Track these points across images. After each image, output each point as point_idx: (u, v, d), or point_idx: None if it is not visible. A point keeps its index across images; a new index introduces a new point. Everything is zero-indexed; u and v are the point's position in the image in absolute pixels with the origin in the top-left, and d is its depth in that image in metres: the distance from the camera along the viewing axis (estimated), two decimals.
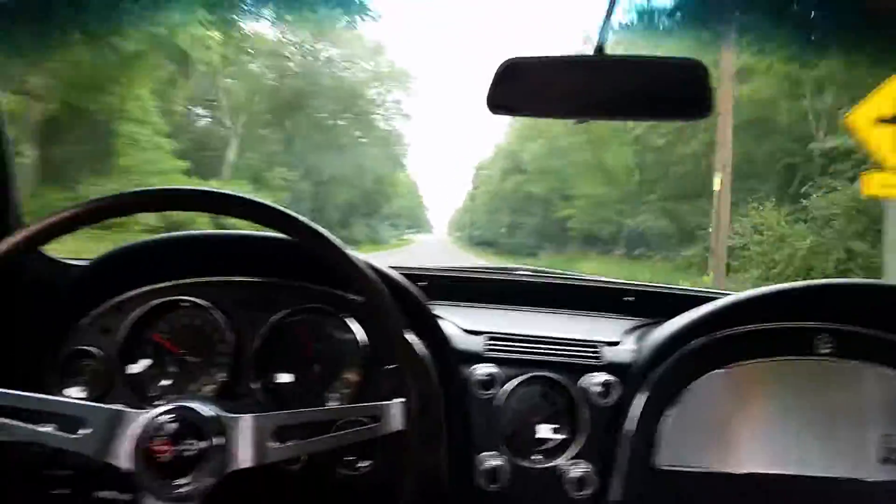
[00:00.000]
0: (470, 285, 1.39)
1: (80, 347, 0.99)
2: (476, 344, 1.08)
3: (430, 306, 1.14)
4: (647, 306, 1.30)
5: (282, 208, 0.73)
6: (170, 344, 1.01)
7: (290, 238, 0.74)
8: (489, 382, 1.02)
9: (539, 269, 1.57)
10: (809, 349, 0.98)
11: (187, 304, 1.00)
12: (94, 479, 0.94)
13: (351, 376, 1.00)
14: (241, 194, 0.73)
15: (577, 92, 0.83)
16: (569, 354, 1.06)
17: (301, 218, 0.74)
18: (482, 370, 1.03)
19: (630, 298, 1.32)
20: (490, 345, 1.07)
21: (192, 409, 0.71)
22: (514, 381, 1.02)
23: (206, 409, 0.71)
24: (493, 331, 1.10)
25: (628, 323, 1.21)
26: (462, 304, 1.30)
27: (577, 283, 1.44)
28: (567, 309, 1.32)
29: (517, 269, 1.51)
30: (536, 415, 1.03)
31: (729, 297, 1.03)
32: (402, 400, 0.73)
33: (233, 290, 1.01)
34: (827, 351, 0.98)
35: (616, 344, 1.10)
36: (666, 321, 1.08)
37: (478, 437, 1.01)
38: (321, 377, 1.00)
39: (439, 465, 0.95)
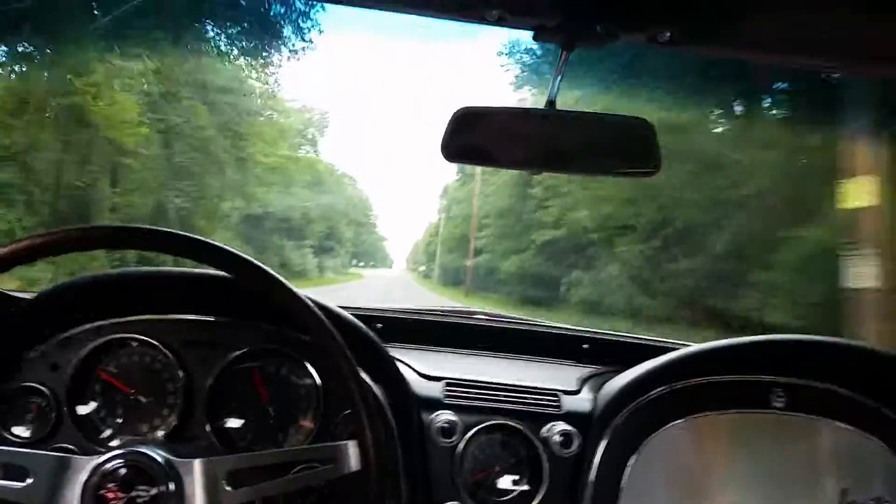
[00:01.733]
0: (425, 328, 1.39)
1: (26, 384, 0.96)
2: (435, 390, 1.07)
3: (389, 349, 1.14)
4: (603, 354, 1.31)
5: (221, 245, 0.73)
6: (119, 383, 0.99)
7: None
8: (450, 430, 1.02)
9: (495, 313, 1.58)
10: (765, 402, 1.00)
11: (137, 342, 0.98)
12: None
13: (306, 422, 0.99)
14: (178, 232, 0.72)
15: (530, 144, 0.86)
16: (529, 402, 1.06)
17: (241, 255, 0.73)
18: (442, 417, 1.02)
19: (586, 346, 1.33)
20: (449, 391, 1.07)
21: (142, 454, 0.69)
22: (475, 429, 1.02)
23: (157, 454, 0.70)
24: (452, 376, 1.10)
25: (585, 371, 1.21)
26: (418, 346, 1.31)
27: (534, 328, 1.45)
28: (524, 354, 1.33)
29: (474, 313, 1.52)
30: (498, 464, 1.03)
31: (686, 348, 1.05)
32: (357, 441, 0.73)
33: (184, 328, 1.00)
34: (780, 405, 1.00)
35: (575, 392, 1.10)
36: (623, 370, 1.10)
37: (438, 486, 1.00)
38: (275, 421, 0.99)
39: None
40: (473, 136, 0.85)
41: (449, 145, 0.86)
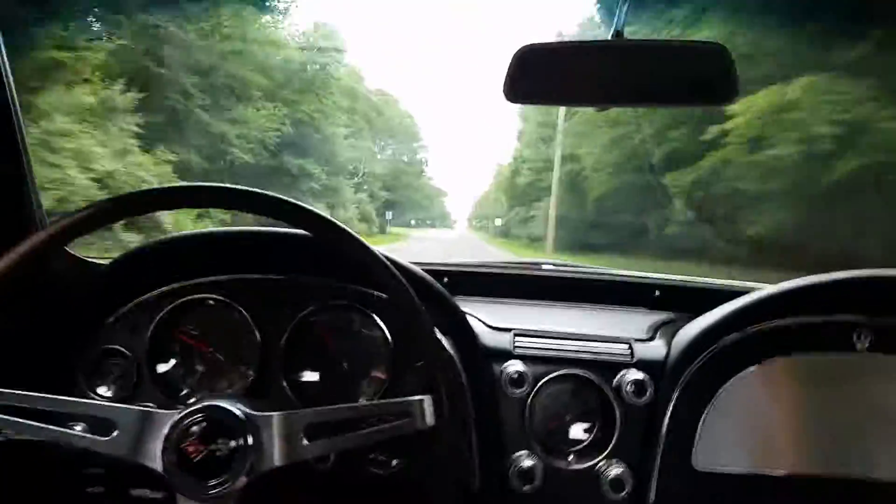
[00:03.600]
0: (492, 280, 1.39)
1: (108, 347, 1.00)
2: (504, 341, 1.07)
3: (458, 301, 1.16)
4: (675, 301, 1.29)
5: (298, 203, 0.73)
6: (196, 342, 1.02)
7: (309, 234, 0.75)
8: (519, 380, 1.01)
9: (563, 263, 1.56)
10: (848, 343, 0.96)
11: (212, 301, 1.01)
12: (128, 477, 0.96)
13: (379, 374, 1.01)
14: (257, 190, 0.73)
15: (597, 78, 0.83)
16: (600, 352, 1.05)
17: (319, 212, 0.74)
18: (512, 368, 1.02)
19: (658, 293, 1.31)
20: (519, 342, 1.06)
21: (221, 408, 0.71)
22: (545, 379, 1.01)
23: (236, 409, 0.72)
24: (521, 327, 1.09)
25: (657, 318, 1.19)
26: (485, 299, 1.30)
27: (602, 277, 1.43)
28: (594, 303, 1.32)
29: (541, 263, 1.50)
30: (569, 413, 1.02)
31: (760, 291, 1.01)
32: (432, 396, 0.73)
33: (257, 287, 1.02)
34: (865, 345, 0.95)
35: (648, 340, 1.09)
36: (696, 316, 1.07)
37: (509, 436, 1.01)
38: (348, 375, 1.01)
39: (471, 463, 0.96)
40: (537, 75, 0.83)
41: (513, 86, 0.84)
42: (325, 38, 16.72)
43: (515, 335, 1.08)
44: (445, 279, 1.32)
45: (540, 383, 1.01)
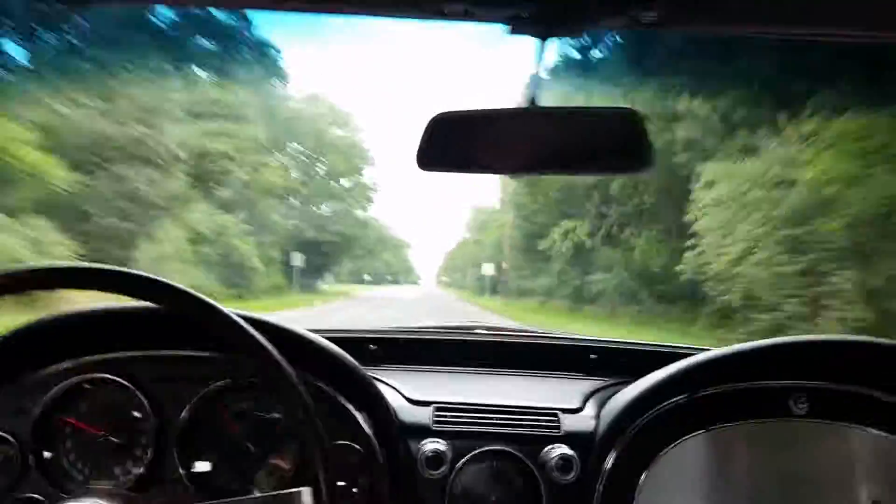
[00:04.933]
0: (423, 347, 1.36)
1: None
2: (423, 416, 1.03)
3: (380, 372, 1.14)
4: (613, 365, 1.26)
5: (139, 273, 0.71)
6: (87, 426, 0.95)
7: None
8: (437, 460, 0.97)
9: (499, 326, 1.54)
10: (785, 409, 0.94)
11: (104, 381, 0.96)
12: None
13: (282, 463, 0.95)
14: (95, 266, 0.70)
15: (510, 146, 0.81)
16: (525, 425, 1.01)
17: (163, 280, 0.70)
18: (430, 446, 0.97)
19: (594, 356, 1.29)
20: (438, 416, 1.02)
21: None
22: (466, 457, 0.97)
23: None
24: (442, 400, 1.05)
25: (592, 385, 1.16)
26: (414, 368, 1.28)
27: (537, 341, 1.41)
28: (527, 370, 1.29)
29: (475, 328, 1.49)
30: (493, 494, 0.98)
31: (694, 357, 0.99)
32: (309, 488, 0.69)
33: (153, 364, 0.97)
34: (802, 411, 0.94)
35: (576, 411, 1.05)
36: (632, 381, 1.04)
37: None
38: (251, 462, 0.95)
39: None
40: (449, 144, 0.81)
41: (424, 154, 0.82)
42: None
43: (435, 409, 1.04)
44: (372, 347, 1.28)
45: (461, 462, 0.97)
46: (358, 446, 0.93)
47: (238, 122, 18.34)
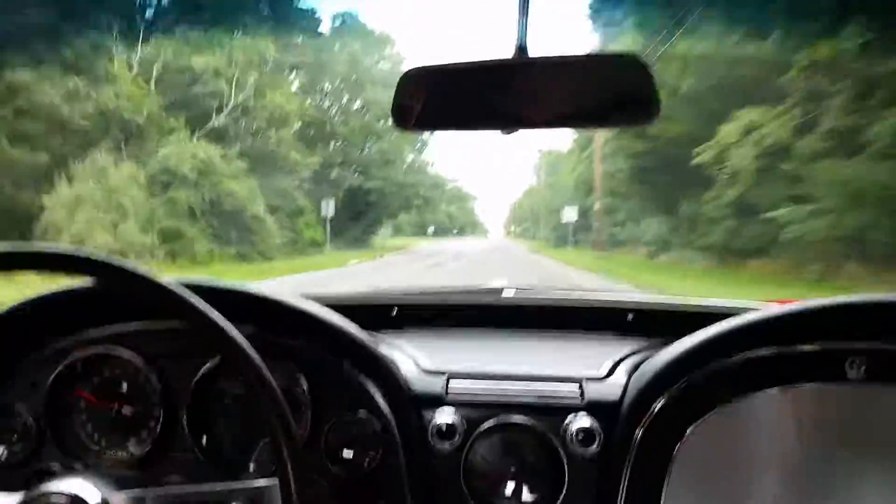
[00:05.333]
0: (449, 310, 1.42)
1: (4, 403, 1.04)
2: (436, 385, 1.08)
3: (399, 337, 1.23)
4: (652, 325, 1.29)
5: (59, 250, 0.74)
6: (99, 399, 1.06)
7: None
8: (448, 432, 1.01)
9: (528, 287, 1.60)
10: (840, 373, 0.94)
11: (115, 354, 1.05)
12: None
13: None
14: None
15: (497, 100, 0.84)
16: (545, 394, 1.05)
17: (88, 253, 0.74)
18: (441, 417, 1.02)
19: (631, 316, 1.33)
20: (453, 385, 1.07)
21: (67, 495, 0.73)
22: (482, 428, 1.01)
23: (90, 493, 0.73)
24: (457, 369, 1.11)
25: (626, 348, 1.19)
26: (435, 332, 1.35)
27: (569, 303, 1.46)
28: (558, 333, 1.34)
29: (501, 290, 1.54)
30: (508, 470, 1.02)
31: (740, 316, 1.00)
32: (276, 480, 0.72)
33: (160, 336, 1.05)
34: (858, 375, 0.93)
35: (605, 377, 1.09)
36: (672, 343, 1.06)
37: (443, 497, 1.01)
38: (254, 437, 1.03)
39: None
40: (429, 100, 0.84)
41: (401, 112, 0.86)
42: None
43: (449, 378, 1.08)
44: (394, 311, 1.36)
45: (475, 434, 1.01)
46: (366, 417, 1.00)
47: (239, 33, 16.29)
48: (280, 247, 18.02)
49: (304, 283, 11.94)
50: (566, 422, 1.00)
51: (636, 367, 1.08)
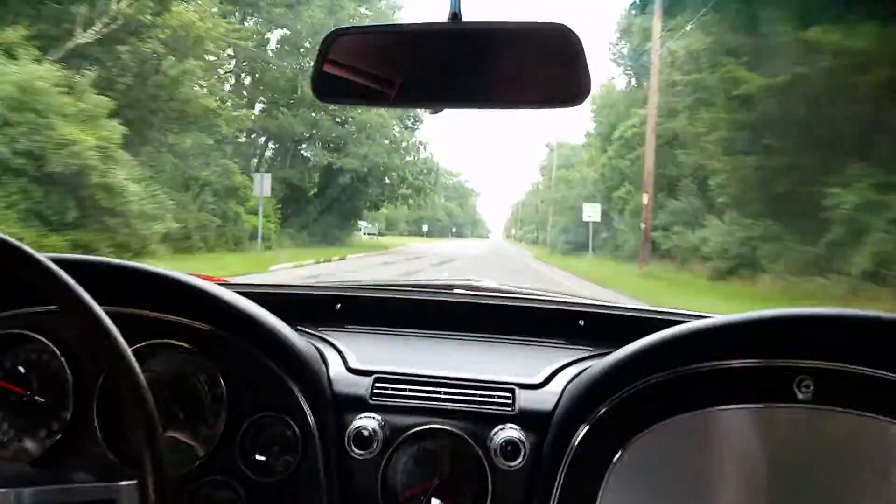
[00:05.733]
0: (394, 306, 1.50)
1: None
2: (361, 387, 1.13)
3: (336, 333, 1.30)
4: (603, 332, 1.37)
5: None
6: (11, 384, 1.10)
7: None
8: (367, 438, 1.05)
9: (484, 286, 1.69)
10: (787, 394, 1.00)
11: (26, 337, 1.10)
12: None
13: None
14: None
15: (427, 72, 0.90)
16: (475, 401, 1.10)
17: None
18: (359, 422, 1.07)
19: (582, 322, 1.40)
20: (378, 388, 1.12)
21: None
22: (404, 436, 1.06)
23: None
24: (386, 370, 1.16)
25: (571, 355, 1.25)
26: (377, 329, 1.42)
27: (524, 303, 1.53)
28: (505, 336, 1.41)
29: (455, 286, 1.63)
30: (429, 482, 1.07)
31: (684, 324, 1.04)
32: (134, 482, 0.73)
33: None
34: (806, 396, 0.99)
35: (541, 385, 1.14)
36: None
37: None
38: (176, 427, 1.08)
39: None
40: (352, 68, 0.89)
41: (320, 81, 0.90)
42: None
43: (376, 380, 1.13)
44: (338, 305, 1.44)
45: (396, 442, 1.06)
46: (284, 418, 1.05)
47: None
48: (180, 237, 14.54)
49: None
50: (493, 432, 1.05)
51: (576, 377, 1.13)
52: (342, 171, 23.83)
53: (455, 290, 1.59)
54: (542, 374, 1.16)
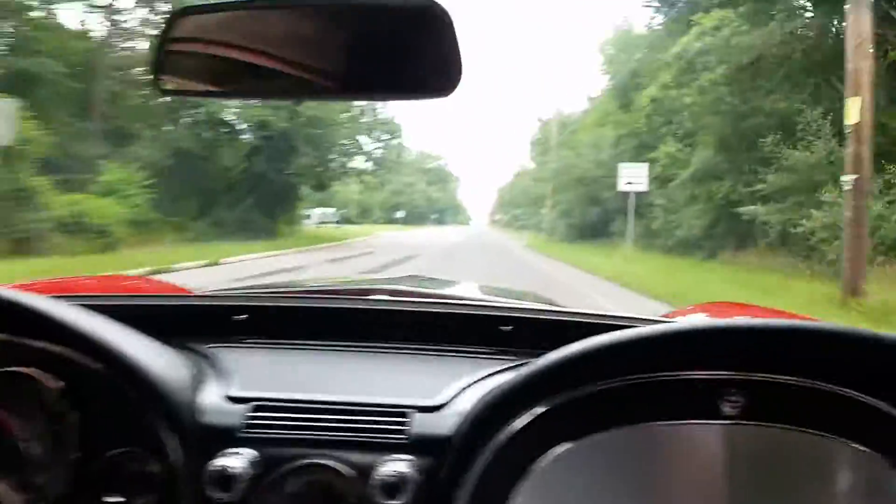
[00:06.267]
0: (303, 316, 1.56)
1: None
2: (234, 417, 1.14)
3: (226, 350, 1.34)
4: (531, 339, 1.42)
5: None
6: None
7: None
8: (229, 478, 1.07)
9: (405, 290, 1.77)
10: (712, 410, 1.04)
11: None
12: None
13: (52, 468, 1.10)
14: None
15: (277, 57, 0.95)
16: (364, 429, 1.12)
17: None
18: (224, 460, 1.08)
19: (509, 327, 1.46)
20: (254, 417, 1.14)
21: None
22: (275, 474, 1.06)
23: None
24: (268, 396, 1.17)
25: (489, 367, 1.30)
26: (277, 343, 1.46)
27: (447, 309, 1.60)
28: (423, 345, 1.46)
29: (373, 292, 1.70)
30: None
31: (600, 337, 1.07)
32: None
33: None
34: (733, 411, 1.04)
35: (440, 407, 1.17)
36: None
37: None
38: (31, 467, 1.10)
39: None
40: (196, 54, 0.95)
41: (162, 70, 0.95)
42: None
43: (253, 408, 1.15)
44: (242, 316, 1.48)
45: (270, 479, 1.08)
46: (143, 455, 1.09)
47: None
48: None
49: None
50: (380, 465, 1.08)
51: (487, 393, 1.14)
52: (264, 131, 22.47)
53: (372, 297, 1.65)
54: (445, 392, 1.19)
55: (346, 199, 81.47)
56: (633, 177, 19.83)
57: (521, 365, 1.18)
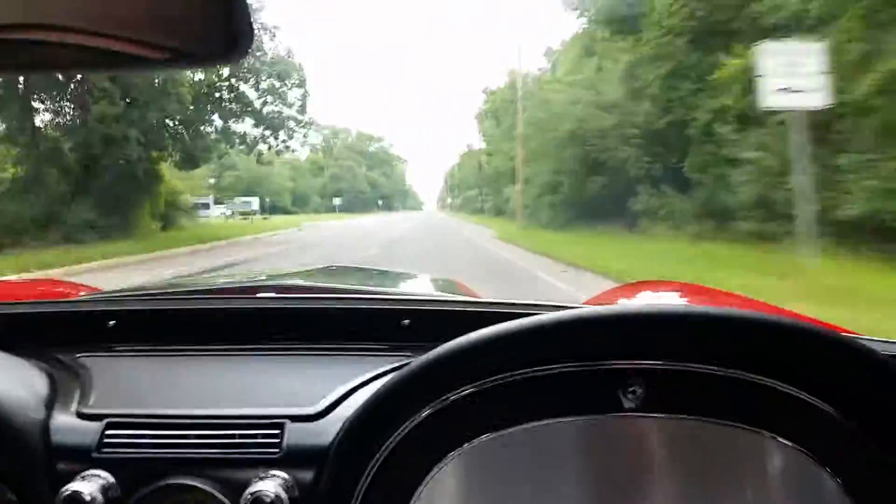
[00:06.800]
0: (181, 320, 1.53)
1: None
2: (87, 437, 1.11)
3: (98, 359, 1.34)
4: (428, 333, 1.36)
5: None
6: None
7: None
8: None
9: (294, 285, 1.85)
10: (611, 402, 1.04)
11: None
12: None
13: None
14: None
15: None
16: (233, 444, 1.10)
17: None
18: (76, 485, 1.04)
19: (407, 321, 1.45)
20: (109, 436, 1.11)
21: None
22: (131, 501, 1.05)
23: None
24: (123, 412, 1.15)
25: (386, 365, 1.29)
26: (153, 349, 1.44)
27: (342, 305, 1.57)
28: (312, 346, 1.44)
29: (261, 289, 1.79)
30: None
31: (493, 327, 1.02)
32: None
33: None
34: (634, 404, 1.03)
35: (319, 416, 1.15)
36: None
37: None
38: None
39: None
40: None
41: None
42: None
43: (108, 426, 1.13)
44: (111, 322, 1.45)
45: None
46: None
47: None
48: None
49: None
50: (250, 484, 1.05)
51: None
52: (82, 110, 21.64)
53: (259, 295, 1.68)
54: (327, 398, 1.17)
55: (280, 186, 78.78)
56: (795, 73, 9.60)
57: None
